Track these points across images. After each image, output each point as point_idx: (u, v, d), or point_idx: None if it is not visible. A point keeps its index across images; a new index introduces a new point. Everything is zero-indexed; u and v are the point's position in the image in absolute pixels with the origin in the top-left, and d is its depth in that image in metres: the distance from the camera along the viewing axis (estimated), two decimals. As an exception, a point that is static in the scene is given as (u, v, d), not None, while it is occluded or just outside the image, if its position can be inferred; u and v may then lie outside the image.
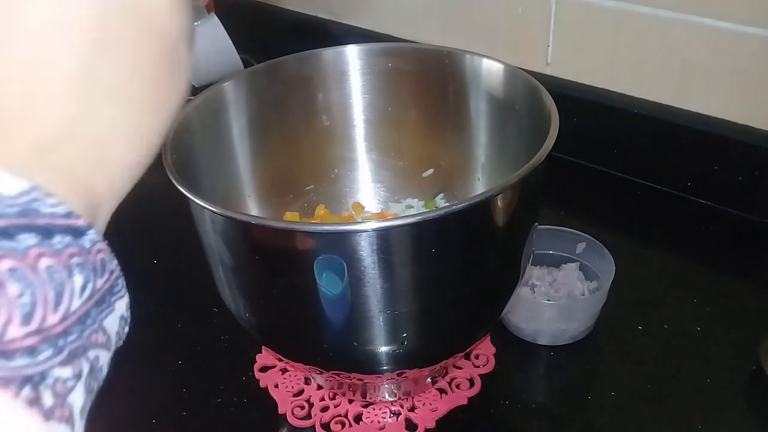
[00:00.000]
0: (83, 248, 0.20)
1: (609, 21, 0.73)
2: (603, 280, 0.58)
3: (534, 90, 0.49)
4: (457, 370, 0.55)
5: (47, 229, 0.19)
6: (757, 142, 0.67)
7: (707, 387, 0.53)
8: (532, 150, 0.41)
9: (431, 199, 0.63)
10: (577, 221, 0.65)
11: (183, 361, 0.59)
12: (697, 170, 0.72)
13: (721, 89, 0.69)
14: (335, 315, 0.41)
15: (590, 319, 0.57)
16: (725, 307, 0.60)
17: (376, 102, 0.60)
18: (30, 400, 0.18)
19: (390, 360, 0.44)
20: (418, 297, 0.42)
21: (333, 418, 0.52)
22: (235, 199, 0.57)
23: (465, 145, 0.59)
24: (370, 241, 0.37)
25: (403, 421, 0.52)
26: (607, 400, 0.53)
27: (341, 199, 0.64)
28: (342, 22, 1.00)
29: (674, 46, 0.70)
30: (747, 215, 0.70)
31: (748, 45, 0.65)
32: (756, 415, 0.52)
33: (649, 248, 0.69)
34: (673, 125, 0.72)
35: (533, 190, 0.44)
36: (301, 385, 0.55)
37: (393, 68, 0.59)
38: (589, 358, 0.57)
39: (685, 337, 0.57)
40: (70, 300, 0.20)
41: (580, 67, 0.78)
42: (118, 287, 0.22)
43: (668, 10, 0.69)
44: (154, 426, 0.53)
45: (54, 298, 0.19)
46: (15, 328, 0.18)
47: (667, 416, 0.51)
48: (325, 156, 0.63)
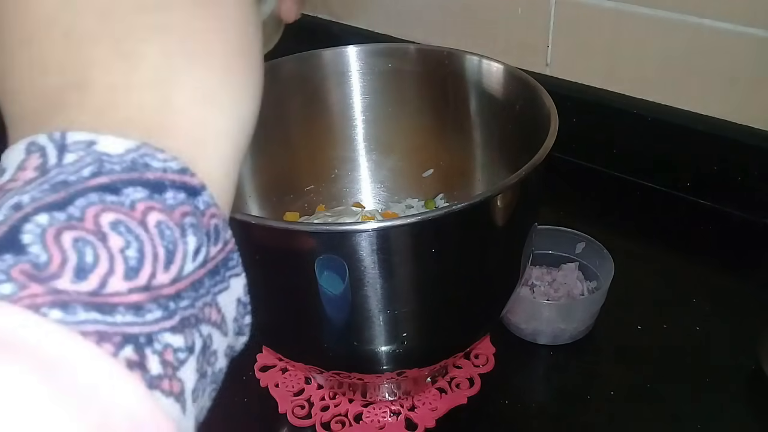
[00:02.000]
0: (197, 209, 0.19)
1: (609, 21, 0.73)
2: (602, 279, 0.58)
3: (534, 90, 0.49)
4: (456, 369, 0.55)
5: (158, 183, 0.18)
6: (757, 142, 0.67)
7: (707, 387, 0.53)
8: (532, 150, 0.41)
9: (431, 199, 0.63)
10: (576, 221, 0.65)
11: (183, 361, 0.59)
12: (697, 170, 0.72)
13: (721, 89, 0.69)
14: (335, 315, 0.41)
15: (590, 319, 0.57)
16: (725, 307, 0.60)
17: (376, 102, 0.60)
18: (131, 362, 0.16)
19: (390, 360, 0.44)
20: (418, 297, 0.42)
21: (333, 418, 0.52)
22: (235, 199, 0.57)
23: (465, 145, 0.59)
24: (370, 241, 0.37)
25: (403, 420, 0.52)
26: (607, 400, 0.53)
27: (341, 199, 0.64)
28: (342, 22, 1.00)
29: (674, 46, 0.70)
30: (747, 215, 0.70)
31: (748, 45, 0.65)
32: (756, 415, 0.52)
33: (648, 248, 0.69)
34: (673, 125, 0.72)
35: (533, 190, 0.44)
36: (302, 385, 0.55)
37: (393, 68, 0.59)
38: (588, 358, 0.57)
39: (684, 337, 0.57)
40: (183, 261, 0.18)
41: (579, 68, 0.78)
42: (233, 261, 0.20)
43: (668, 10, 0.69)
44: (154, 426, 0.53)
45: (165, 255, 0.18)
46: (117, 280, 0.17)
47: (667, 416, 0.51)
48: (325, 156, 0.63)
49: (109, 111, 0.19)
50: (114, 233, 0.17)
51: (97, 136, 0.18)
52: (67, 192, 0.17)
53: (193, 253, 0.18)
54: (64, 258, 0.16)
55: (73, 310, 0.16)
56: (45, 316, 0.15)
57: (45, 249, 0.16)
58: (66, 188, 0.17)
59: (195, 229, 0.18)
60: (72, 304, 0.16)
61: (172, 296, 0.17)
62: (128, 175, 0.18)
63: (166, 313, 0.17)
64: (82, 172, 0.17)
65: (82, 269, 0.16)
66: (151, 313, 0.17)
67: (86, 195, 0.17)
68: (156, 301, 0.17)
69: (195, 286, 0.18)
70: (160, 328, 0.17)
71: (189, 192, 0.19)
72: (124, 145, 0.18)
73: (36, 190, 0.17)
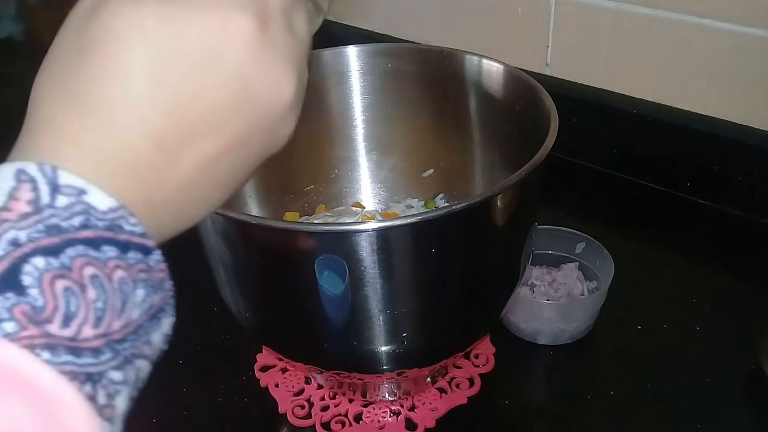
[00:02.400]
0: (148, 266, 0.22)
1: (608, 21, 0.73)
2: (602, 279, 0.58)
3: (534, 90, 0.49)
4: (456, 369, 0.55)
5: (126, 244, 0.22)
6: (757, 142, 0.67)
7: (707, 387, 0.53)
8: (532, 150, 0.41)
9: (431, 199, 0.63)
10: (576, 221, 0.65)
11: (183, 361, 0.59)
12: (697, 170, 0.72)
13: (721, 89, 0.69)
14: (335, 315, 0.41)
15: (590, 319, 0.57)
16: (725, 307, 0.60)
17: (376, 102, 0.60)
18: (89, 395, 0.20)
19: (390, 360, 0.44)
20: (418, 297, 0.42)
21: (333, 418, 0.52)
22: (235, 199, 0.57)
23: (465, 145, 0.59)
24: (370, 241, 0.37)
25: (403, 420, 0.52)
26: (607, 400, 0.53)
27: (341, 199, 0.64)
28: (342, 22, 1.00)
29: (674, 46, 0.70)
30: (747, 215, 0.70)
31: (748, 45, 0.65)
32: (756, 415, 0.52)
33: (648, 248, 0.69)
34: (673, 125, 0.72)
35: (533, 190, 0.44)
36: (302, 385, 0.55)
37: (393, 69, 0.59)
38: (588, 358, 0.57)
39: (684, 337, 0.57)
40: (131, 310, 0.22)
41: (579, 68, 0.78)
42: (169, 306, 0.24)
43: (668, 10, 0.69)
44: (154, 426, 0.53)
45: (120, 306, 0.21)
46: (88, 329, 0.20)
47: (667, 416, 0.51)
48: (325, 156, 0.63)
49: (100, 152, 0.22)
50: (91, 287, 0.20)
51: (87, 185, 0.21)
52: (60, 239, 0.20)
53: (139, 303, 0.22)
54: (56, 305, 0.19)
55: (58, 353, 0.19)
56: (38, 357, 0.19)
57: (42, 294, 0.19)
58: (60, 234, 0.20)
59: (144, 283, 0.22)
60: (58, 347, 0.19)
61: (119, 340, 0.21)
62: (107, 234, 0.21)
63: (114, 353, 0.21)
64: (72, 221, 0.21)
65: (67, 317, 0.20)
66: (104, 354, 0.20)
67: (75, 246, 0.20)
68: (108, 345, 0.21)
69: (137, 330, 0.22)
70: (108, 367, 0.21)
71: (144, 252, 0.22)
72: (107, 203, 0.21)
73: (32, 229, 0.20)
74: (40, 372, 0.19)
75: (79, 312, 0.20)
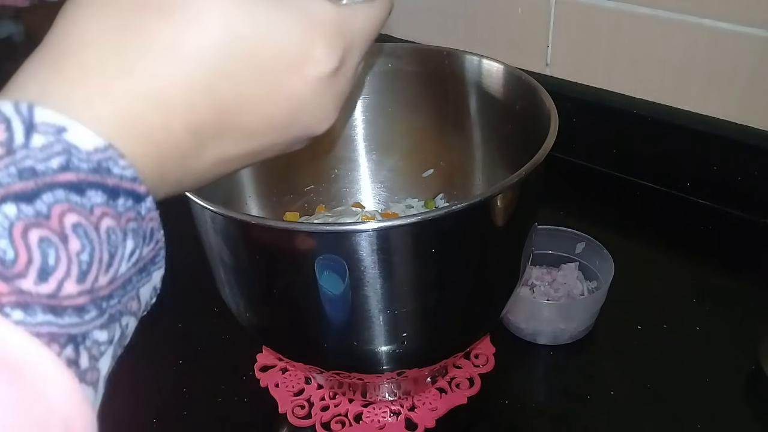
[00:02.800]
0: (139, 214, 0.20)
1: (608, 21, 0.73)
2: (602, 279, 0.58)
3: (533, 90, 0.49)
4: (456, 369, 0.55)
5: (115, 189, 0.19)
6: (757, 142, 0.67)
7: (707, 387, 0.53)
8: (532, 150, 0.41)
9: (431, 199, 0.63)
10: (576, 221, 0.65)
11: (183, 361, 0.59)
12: (697, 170, 0.72)
13: (721, 89, 0.69)
14: (335, 315, 0.41)
15: (590, 319, 0.57)
16: (725, 307, 0.60)
17: (376, 102, 0.60)
18: (70, 360, 0.18)
19: (390, 360, 0.44)
20: (418, 297, 0.42)
21: (333, 418, 0.52)
22: (235, 199, 0.57)
23: (465, 145, 0.59)
24: (370, 241, 0.37)
25: (403, 420, 0.52)
26: (607, 400, 0.53)
27: (341, 199, 0.64)
28: (342, 22, 0.99)
29: (674, 46, 0.70)
30: (747, 215, 0.70)
31: (748, 45, 0.65)
32: (756, 415, 0.52)
33: (648, 248, 0.69)
34: (673, 125, 0.72)
35: (533, 191, 0.44)
36: (302, 385, 0.55)
37: (393, 68, 0.59)
38: (588, 358, 0.57)
39: (684, 337, 0.57)
40: (119, 264, 0.19)
41: (579, 68, 0.78)
42: (159, 257, 0.22)
43: (668, 10, 0.69)
44: (154, 426, 0.53)
45: (107, 259, 0.19)
46: (71, 284, 0.18)
47: (667, 416, 0.51)
48: (325, 156, 0.63)
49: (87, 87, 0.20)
50: (74, 236, 0.18)
51: (69, 122, 0.19)
52: (35, 183, 0.17)
53: (128, 256, 0.20)
54: (30, 258, 0.17)
55: (33, 312, 0.17)
56: (8, 317, 0.16)
57: (12, 245, 0.17)
58: (34, 178, 0.17)
59: (134, 234, 0.20)
60: (32, 305, 0.17)
61: (106, 297, 0.19)
62: (93, 177, 0.19)
63: (99, 311, 0.19)
64: (50, 163, 0.18)
65: (44, 271, 0.17)
66: (88, 313, 0.18)
67: (54, 190, 0.18)
68: (94, 302, 0.19)
69: (125, 285, 0.20)
70: (92, 326, 0.18)
71: (135, 199, 0.20)
72: (93, 142, 0.19)
73: (3, 173, 0.17)
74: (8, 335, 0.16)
75: (59, 265, 0.17)
